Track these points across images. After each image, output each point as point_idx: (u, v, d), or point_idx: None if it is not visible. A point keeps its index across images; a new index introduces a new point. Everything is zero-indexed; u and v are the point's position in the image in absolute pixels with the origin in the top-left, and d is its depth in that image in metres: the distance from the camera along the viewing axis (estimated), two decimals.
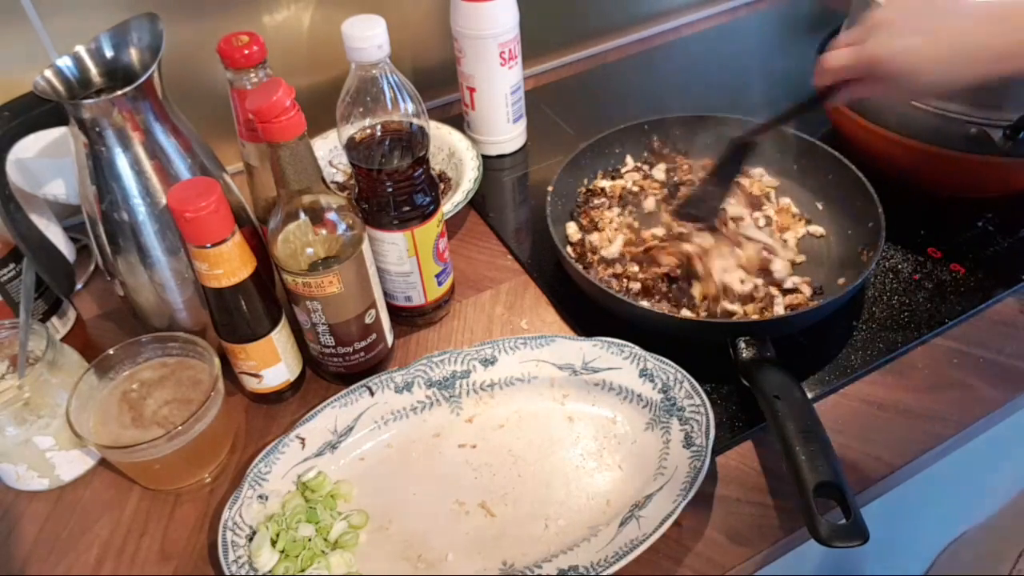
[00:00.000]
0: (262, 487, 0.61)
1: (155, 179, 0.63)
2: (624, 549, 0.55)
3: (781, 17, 1.21)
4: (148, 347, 0.66)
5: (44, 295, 0.70)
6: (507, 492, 0.62)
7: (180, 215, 0.56)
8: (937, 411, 0.66)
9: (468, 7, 0.84)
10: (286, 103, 0.55)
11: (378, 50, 0.60)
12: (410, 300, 0.73)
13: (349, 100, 0.63)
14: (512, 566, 0.57)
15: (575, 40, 1.12)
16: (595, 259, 0.79)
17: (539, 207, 0.80)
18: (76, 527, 0.63)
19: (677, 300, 0.74)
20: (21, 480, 0.64)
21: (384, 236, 0.68)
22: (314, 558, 0.57)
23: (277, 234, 0.61)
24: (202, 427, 0.61)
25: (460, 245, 0.84)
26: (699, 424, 0.62)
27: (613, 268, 0.77)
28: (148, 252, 0.65)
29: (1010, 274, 0.75)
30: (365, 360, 0.69)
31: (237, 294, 0.61)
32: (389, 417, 0.66)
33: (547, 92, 1.06)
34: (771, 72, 1.03)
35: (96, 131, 0.60)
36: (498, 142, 0.95)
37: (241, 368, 0.67)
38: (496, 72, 0.88)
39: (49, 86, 0.60)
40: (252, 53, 0.66)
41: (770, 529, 0.59)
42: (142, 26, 0.62)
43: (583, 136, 0.87)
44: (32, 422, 0.61)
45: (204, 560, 0.60)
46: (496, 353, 0.69)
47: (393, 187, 0.65)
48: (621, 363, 0.67)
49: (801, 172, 0.84)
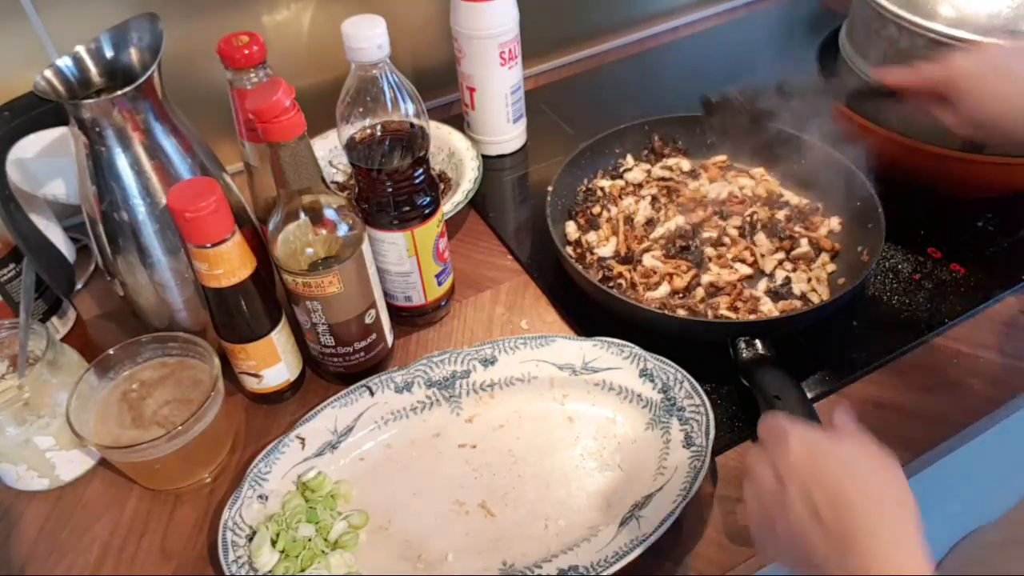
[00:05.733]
0: (262, 487, 0.61)
1: (155, 179, 0.63)
2: (624, 549, 0.55)
3: (781, 17, 1.21)
4: (148, 347, 0.66)
5: (44, 295, 0.70)
6: (507, 492, 0.62)
7: (180, 215, 0.56)
8: (937, 411, 0.66)
9: (468, 7, 0.84)
10: (286, 103, 0.55)
11: (378, 50, 0.60)
12: (410, 300, 0.73)
13: (349, 100, 0.63)
14: (512, 566, 0.57)
15: (575, 40, 1.12)
16: (593, 259, 0.78)
17: (539, 207, 0.80)
18: (76, 527, 0.63)
19: (699, 261, 0.75)
20: (21, 480, 0.64)
21: (384, 236, 0.68)
22: (314, 558, 0.57)
23: (277, 234, 0.61)
24: (202, 427, 0.61)
25: (460, 245, 0.84)
26: (699, 424, 0.62)
27: (610, 267, 0.77)
28: (148, 252, 0.65)
29: (1010, 274, 0.75)
30: (365, 360, 0.69)
31: (237, 294, 0.61)
32: (389, 417, 0.66)
33: (547, 92, 1.06)
34: (771, 72, 1.03)
35: (96, 131, 0.60)
36: (498, 142, 0.95)
37: (241, 368, 0.67)
38: (496, 72, 0.88)
39: (49, 86, 0.60)
40: (252, 53, 0.66)
41: None
42: (142, 26, 0.62)
43: (583, 136, 0.87)
44: (32, 422, 0.61)
45: (204, 560, 0.60)
46: (496, 353, 0.69)
47: (393, 187, 0.65)
48: (621, 363, 0.67)
49: (801, 171, 0.84)
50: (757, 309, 0.72)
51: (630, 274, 0.76)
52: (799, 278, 0.75)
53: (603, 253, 0.79)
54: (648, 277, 0.76)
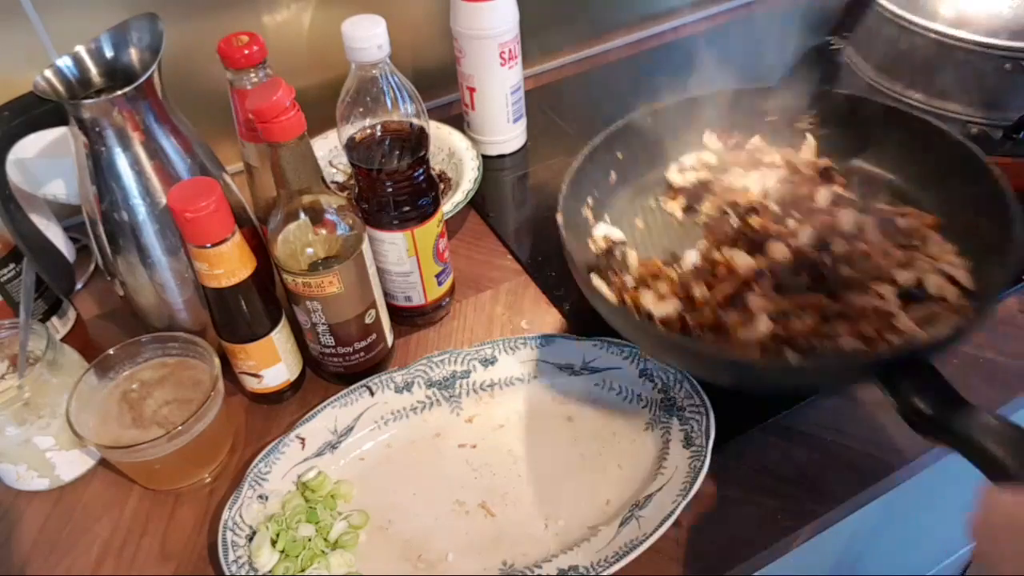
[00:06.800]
0: (262, 487, 0.61)
1: (155, 179, 0.63)
2: (624, 549, 0.55)
3: (781, 17, 1.21)
4: (148, 347, 0.66)
5: (44, 295, 0.70)
6: (507, 492, 0.62)
7: (180, 215, 0.56)
8: None
9: (468, 7, 0.84)
10: (286, 103, 0.55)
11: (378, 50, 0.60)
12: (410, 300, 0.73)
13: (349, 100, 0.63)
14: (512, 566, 0.57)
15: (575, 40, 1.12)
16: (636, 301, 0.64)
17: (539, 207, 0.79)
18: (76, 527, 0.63)
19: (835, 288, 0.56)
20: (21, 480, 0.64)
21: (384, 236, 0.68)
22: (314, 558, 0.57)
23: (277, 234, 0.61)
24: (202, 427, 0.61)
25: (460, 245, 0.84)
26: (699, 424, 0.62)
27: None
28: (148, 252, 0.65)
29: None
30: (365, 360, 0.69)
31: (237, 294, 0.61)
32: (389, 417, 0.66)
33: (547, 92, 1.06)
34: (770, 72, 1.03)
35: (96, 131, 0.60)
36: (498, 142, 0.95)
37: (241, 368, 0.67)
38: (496, 72, 0.88)
39: (49, 86, 0.60)
40: (252, 53, 0.66)
41: (770, 529, 0.59)
42: (142, 26, 0.62)
43: (583, 136, 0.86)
44: (32, 422, 0.61)
45: (204, 560, 0.60)
46: (496, 353, 0.69)
47: (393, 187, 0.65)
48: (621, 363, 0.67)
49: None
50: (893, 327, 0.55)
51: (712, 312, 0.60)
52: (923, 269, 0.60)
53: (661, 313, 0.62)
54: (744, 314, 0.59)
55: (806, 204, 0.68)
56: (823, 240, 0.63)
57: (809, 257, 0.62)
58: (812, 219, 0.66)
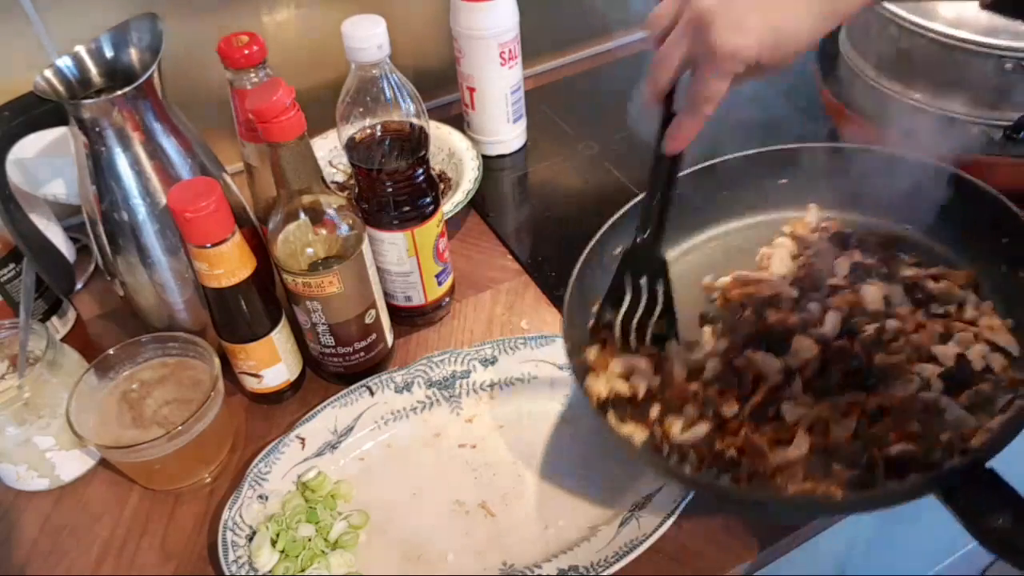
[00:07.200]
0: (262, 487, 0.61)
1: (155, 179, 0.63)
2: (624, 549, 0.55)
3: None
4: (148, 347, 0.66)
5: (44, 295, 0.70)
6: (507, 492, 0.62)
7: (180, 215, 0.56)
8: None
9: (468, 7, 0.84)
10: (286, 103, 0.55)
11: (378, 50, 0.60)
12: (410, 300, 0.73)
13: (349, 100, 0.63)
14: (512, 566, 0.57)
15: (575, 40, 1.12)
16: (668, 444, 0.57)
17: (539, 207, 0.79)
18: (76, 527, 0.63)
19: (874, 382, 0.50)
20: (21, 480, 0.64)
21: (384, 236, 0.68)
22: (314, 558, 0.57)
23: (277, 234, 0.61)
24: (202, 427, 0.61)
25: (460, 245, 0.84)
26: None
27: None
28: (148, 252, 0.65)
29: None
30: (365, 360, 0.69)
31: (237, 294, 0.61)
32: (389, 417, 0.66)
33: (547, 92, 1.06)
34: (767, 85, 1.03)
35: (96, 131, 0.60)
36: (498, 142, 0.95)
37: (241, 368, 0.67)
38: (496, 72, 0.88)
39: (49, 86, 0.60)
40: (252, 53, 0.66)
41: (770, 529, 0.59)
42: (142, 26, 0.62)
43: (583, 136, 0.84)
44: (32, 422, 0.61)
45: (204, 560, 0.60)
46: (496, 353, 0.69)
47: (393, 187, 0.65)
48: None
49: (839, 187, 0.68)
50: (944, 421, 0.50)
51: (746, 436, 0.54)
52: (965, 341, 0.54)
53: (686, 438, 0.56)
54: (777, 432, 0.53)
55: (824, 281, 0.63)
56: (850, 325, 0.58)
57: (839, 348, 0.57)
58: (834, 299, 0.61)
